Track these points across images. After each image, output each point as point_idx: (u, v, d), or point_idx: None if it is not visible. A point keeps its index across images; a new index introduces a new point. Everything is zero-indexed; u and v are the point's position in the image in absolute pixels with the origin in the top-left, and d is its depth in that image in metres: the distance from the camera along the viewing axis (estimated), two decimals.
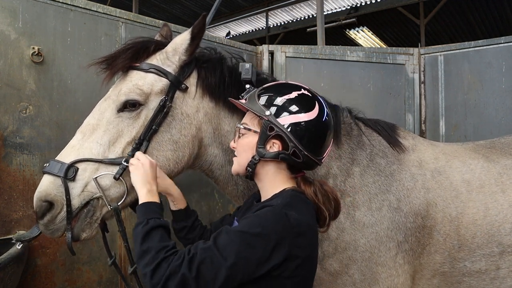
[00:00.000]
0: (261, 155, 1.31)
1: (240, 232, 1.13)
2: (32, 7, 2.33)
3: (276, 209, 1.18)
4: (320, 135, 1.34)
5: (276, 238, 1.13)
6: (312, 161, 1.33)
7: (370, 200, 1.70)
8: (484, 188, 1.77)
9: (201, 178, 3.07)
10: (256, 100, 1.35)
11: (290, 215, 1.17)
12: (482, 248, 1.69)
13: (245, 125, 1.39)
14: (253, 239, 1.12)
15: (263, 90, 1.40)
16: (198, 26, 1.59)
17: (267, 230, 1.13)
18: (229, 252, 1.09)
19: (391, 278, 1.64)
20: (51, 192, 1.45)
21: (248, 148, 1.36)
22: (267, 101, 1.33)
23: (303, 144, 1.29)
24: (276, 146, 1.31)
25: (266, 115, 1.30)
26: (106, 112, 1.57)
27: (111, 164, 1.49)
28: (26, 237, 1.52)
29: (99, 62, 1.60)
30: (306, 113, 1.30)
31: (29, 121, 2.29)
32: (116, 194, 1.52)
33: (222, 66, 1.71)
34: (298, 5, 11.81)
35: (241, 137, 1.39)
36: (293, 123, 1.29)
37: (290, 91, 1.35)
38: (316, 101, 1.36)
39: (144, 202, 1.31)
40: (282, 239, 1.14)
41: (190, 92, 1.66)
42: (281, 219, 1.15)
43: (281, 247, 1.13)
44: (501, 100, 3.38)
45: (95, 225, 1.53)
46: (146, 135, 1.54)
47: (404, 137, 1.95)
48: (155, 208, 1.29)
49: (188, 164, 1.69)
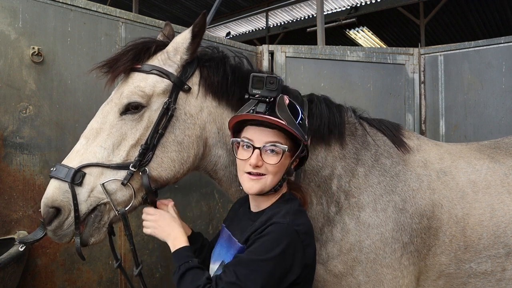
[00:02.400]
0: (290, 173, 1.40)
1: (259, 260, 1.19)
2: (32, 7, 2.33)
3: (287, 228, 1.25)
4: None
5: (292, 255, 1.22)
6: None
7: (375, 201, 1.69)
8: (490, 189, 1.75)
9: (201, 178, 3.07)
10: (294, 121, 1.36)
11: (299, 231, 1.26)
12: (488, 250, 1.67)
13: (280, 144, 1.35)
14: (271, 264, 1.19)
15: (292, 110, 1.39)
16: (199, 24, 1.58)
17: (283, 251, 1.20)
18: (253, 282, 1.17)
19: (396, 279, 1.63)
20: (58, 198, 1.44)
21: (283, 168, 1.38)
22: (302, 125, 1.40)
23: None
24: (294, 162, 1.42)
25: (306, 139, 1.39)
26: (109, 116, 1.55)
27: (117, 168, 1.49)
28: (30, 239, 1.51)
29: (100, 66, 1.59)
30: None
31: (29, 121, 2.29)
32: (123, 198, 1.52)
33: (225, 65, 1.69)
34: (298, 5, 11.82)
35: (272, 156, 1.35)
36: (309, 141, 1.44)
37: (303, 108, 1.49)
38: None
39: (173, 252, 1.38)
40: (296, 253, 1.23)
41: (193, 92, 1.64)
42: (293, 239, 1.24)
43: (297, 261, 1.24)
44: (501, 100, 3.38)
45: (103, 230, 1.53)
46: (152, 139, 1.53)
47: (409, 137, 1.94)
48: (183, 253, 1.36)
49: (194, 165, 1.67)
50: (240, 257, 1.25)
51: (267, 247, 1.21)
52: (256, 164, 1.34)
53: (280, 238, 1.22)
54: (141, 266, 1.60)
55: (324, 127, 1.76)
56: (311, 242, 1.32)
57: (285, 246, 1.21)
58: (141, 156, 1.50)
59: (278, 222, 1.26)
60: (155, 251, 2.82)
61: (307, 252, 1.28)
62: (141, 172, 1.51)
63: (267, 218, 1.31)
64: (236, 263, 1.23)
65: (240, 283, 1.17)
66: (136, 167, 1.49)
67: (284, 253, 1.21)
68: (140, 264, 1.60)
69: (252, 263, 1.19)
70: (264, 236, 1.24)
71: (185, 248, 1.38)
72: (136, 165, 1.49)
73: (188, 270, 1.29)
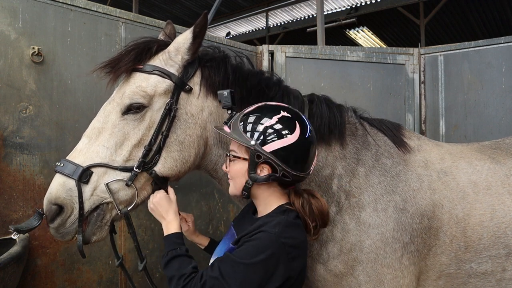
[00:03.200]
0: (253, 180, 1.38)
1: (242, 263, 1.23)
2: (32, 7, 2.33)
3: (273, 237, 1.26)
4: (305, 153, 1.40)
5: (274, 265, 1.24)
6: (300, 177, 1.41)
7: (376, 201, 1.69)
8: (491, 189, 1.75)
9: (201, 178, 3.07)
10: (240, 129, 1.39)
11: (286, 243, 1.27)
12: (489, 250, 1.67)
13: (234, 152, 1.44)
14: (253, 269, 1.22)
15: (245, 117, 1.42)
16: (200, 24, 1.58)
17: (264, 260, 1.23)
18: (234, 282, 1.21)
19: (396, 279, 1.63)
20: (61, 195, 1.45)
21: (240, 174, 1.42)
22: (251, 129, 1.37)
23: (290, 165, 1.36)
24: (266, 170, 1.37)
25: (252, 145, 1.35)
26: (111, 115, 1.56)
27: (122, 170, 1.51)
28: (25, 227, 1.51)
29: (102, 66, 1.60)
30: (288, 136, 1.36)
31: (29, 121, 2.29)
32: (126, 197, 1.54)
33: (226, 65, 1.70)
34: (298, 5, 11.82)
35: (232, 163, 1.44)
36: (278, 149, 1.34)
37: (271, 116, 1.39)
38: (297, 121, 1.40)
39: (164, 236, 1.45)
40: (279, 264, 1.25)
41: (194, 92, 1.65)
42: (278, 250, 1.25)
43: (279, 271, 1.25)
44: (501, 100, 3.38)
45: (106, 228, 1.55)
46: (159, 141, 1.55)
47: (410, 137, 1.94)
48: (173, 239, 1.42)
49: (195, 164, 1.68)
50: (228, 255, 1.29)
51: (250, 252, 1.26)
52: (225, 170, 1.48)
53: (264, 247, 1.25)
54: (145, 260, 1.63)
55: (324, 127, 1.76)
56: (298, 256, 1.32)
57: (268, 256, 1.24)
58: (145, 157, 1.52)
59: (266, 231, 1.29)
60: (155, 251, 2.82)
61: (292, 265, 1.29)
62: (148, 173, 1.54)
63: (259, 225, 1.34)
64: (223, 260, 1.28)
65: (222, 279, 1.22)
66: (140, 168, 1.51)
67: (265, 262, 1.23)
68: (145, 259, 1.64)
69: (235, 264, 1.24)
70: (251, 241, 1.29)
71: (175, 234, 1.44)
72: (140, 166, 1.51)
73: (175, 257, 1.36)
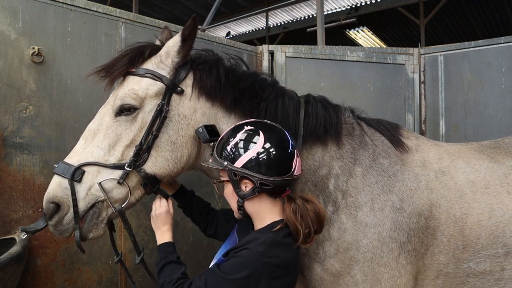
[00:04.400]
0: (241, 197, 1.45)
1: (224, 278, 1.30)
2: (32, 7, 2.33)
3: (256, 256, 1.32)
4: (275, 157, 1.43)
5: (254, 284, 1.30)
6: (282, 181, 1.43)
7: (373, 201, 1.69)
8: (489, 189, 1.75)
9: (201, 178, 3.07)
10: (216, 156, 1.50)
11: (269, 263, 1.32)
12: (487, 249, 1.67)
13: (220, 177, 1.54)
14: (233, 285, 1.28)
15: (218, 144, 1.53)
16: (189, 28, 1.61)
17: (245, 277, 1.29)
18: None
19: (393, 278, 1.63)
20: (58, 194, 1.52)
21: (231, 196, 1.51)
22: (222, 153, 1.47)
23: (262, 173, 1.40)
24: (249, 185, 1.43)
25: (225, 166, 1.44)
26: (105, 117, 1.63)
27: (114, 168, 1.56)
28: (32, 228, 1.58)
29: (98, 71, 1.65)
30: (252, 147, 1.42)
31: (29, 121, 2.29)
32: (119, 196, 1.59)
33: (218, 68, 1.72)
34: (298, 5, 11.82)
35: (224, 188, 1.54)
36: (246, 161, 1.41)
37: (235, 134, 1.47)
38: (261, 130, 1.46)
39: (159, 245, 1.56)
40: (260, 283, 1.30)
41: (186, 94, 1.68)
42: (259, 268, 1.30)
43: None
44: (501, 100, 3.38)
45: (102, 225, 1.61)
46: (147, 141, 1.59)
47: (407, 137, 1.94)
48: (166, 248, 1.54)
49: (188, 164, 1.71)
50: (215, 270, 1.35)
51: (232, 268, 1.31)
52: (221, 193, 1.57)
53: (246, 265, 1.30)
54: (142, 254, 1.70)
55: (320, 127, 1.77)
56: (281, 275, 1.35)
57: (248, 274, 1.28)
58: (136, 156, 1.57)
59: (250, 249, 1.33)
60: (155, 251, 2.82)
61: (274, 284, 1.33)
62: (137, 172, 1.59)
63: (248, 240, 1.38)
64: (210, 272, 1.35)
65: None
66: (131, 167, 1.56)
67: (246, 280, 1.28)
68: (142, 252, 1.70)
69: (219, 278, 1.31)
70: (236, 257, 1.34)
71: (167, 243, 1.56)
72: (131, 165, 1.56)
73: (167, 263, 1.46)
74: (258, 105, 1.72)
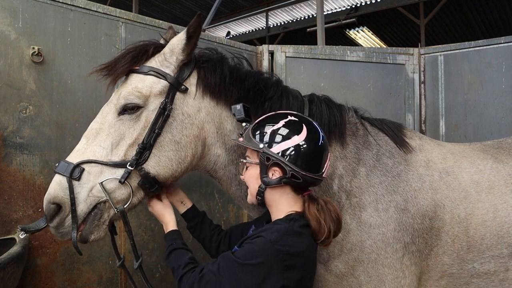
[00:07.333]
0: (265, 183, 1.42)
1: (237, 262, 1.28)
2: (32, 7, 2.32)
3: (268, 245, 1.29)
4: (313, 153, 1.42)
5: (265, 272, 1.26)
6: (312, 178, 1.41)
7: (377, 201, 1.68)
8: (493, 189, 1.75)
9: (201, 178, 3.07)
10: (251, 136, 1.46)
11: (282, 251, 1.28)
12: (491, 250, 1.67)
13: (248, 158, 1.50)
14: (245, 269, 1.27)
15: (256, 125, 1.50)
16: (193, 25, 1.60)
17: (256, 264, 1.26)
18: (227, 279, 1.27)
19: (397, 279, 1.62)
20: (59, 195, 1.48)
21: (254, 179, 1.47)
22: (260, 135, 1.44)
23: (298, 165, 1.38)
24: (277, 173, 1.41)
25: (260, 148, 1.41)
26: (108, 116, 1.59)
27: (115, 166, 1.52)
28: (32, 228, 1.54)
29: (100, 70, 1.62)
30: (294, 137, 1.40)
31: (29, 121, 2.29)
32: (122, 196, 1.55)
33: (223, 66, 1.71)
34: (298, 5, 11.81)
35: (247, 169, 1.50)
36: (284, 149, 1.39)
37: (278, 120, 1.45)
38: (304, 124, 1.45)
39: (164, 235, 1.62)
40: (271, 271, 1.27)
41: (191, 92, 1.66)
42: (271, 256, 1.27)
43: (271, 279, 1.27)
44: (501, 100, 3.38)
45: (103, 227, 1.56)
46: (149, 139, 1.56)
47: (411, 137, 1.93)
48: (170, 236, 1.58)
49: (192, 164, 1.69)
50: (229, 253, 1.34)
51: (245, 254, 1.30)
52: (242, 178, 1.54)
53: (258, 252, 1.28)
54: (141, 259, 1.67)
55: (324, 127, 1.76)
56: (295, 265, 1.31)
57: (260, 261, 1.26)
58: (138, 155, 1.54)
59: (263, 237, 1.31)
60: (155, 251, 2.82)
61: (288, 273, 1.29)
62: (138, 170, 1.55)
63: (262, 229, 1.36)
64: (224, 257, 1.33)
65: (218, 274, 1.28)
66: (133, 166, 1.53)
67: (257, 267, 1.26)
68: (140, 257, 1.67)
69: (231, 262, 1.29)
70: (249, 244, 1.33)
71: (172, 231, 1.60)
72: (133, 164, 1.53)
73: (172, 250, 1.50)
74: (262, 104, 1.71)
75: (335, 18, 11.63)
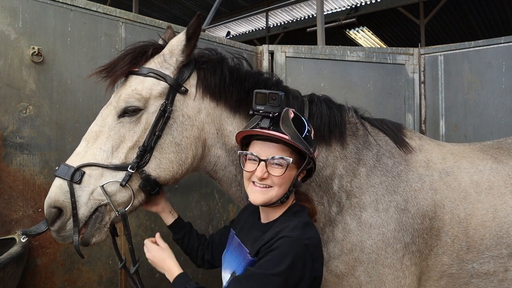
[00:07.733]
0: (297, 186, 1.43)
1: (267, 275, 1.21)
2: (32, 7, 2.32)
3: (296, 242, 1.26)
4: None
5: (301, 267, 1.24)
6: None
7: (377, 201, 1.69)
8: (493, 189, 1.75)
9: (201, 178, 3.07)
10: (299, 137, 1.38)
11: (308, 245, 1.28)
12: (491, 250, 1.67)
13: (286, 157, 1.37)
14: (280, 278, 1.20)
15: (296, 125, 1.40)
16: (193, 26, 1.59)
17: (291, 265, 1.22)
18: None
19: (397, 280, 1.63)
20: (59, 198, 1.47)
21: (289, 181, 1.40)
22: (307, 138, 1.41)
23: None
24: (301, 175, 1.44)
25: (312, 153, 1.41)
26: (107, 119, 1.58)
27: (116, 169, 1.51)
28: (33, 231, 1.54)
29: (99, 71, 1.61)
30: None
31: (29, 121, 2.29)
32: (123, 199, 1.54)
33: (222, 67, 1.70)
34: (298, 5, 11.81)
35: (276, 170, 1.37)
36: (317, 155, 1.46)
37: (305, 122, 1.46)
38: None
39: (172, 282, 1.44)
40: (305, 266, 1.25)
41: (191, 94, 1.65)
42: (302, 252, 1.25)
43: (306, 275, 1.26)
44: (501, 100, 3.38)
45: (105, 230, 1.55)
46: (150, 141, 1.55)
47: (411, 137, 1.94)
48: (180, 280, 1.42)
49: (193, 165, 1.68)
50: (251, 271, 1.26)
51: (275, 261, 1.23)
52: (261, 177, 1.36)
53: (288, 252, 1.23)
54: (138, 264, 1.63)
55: (324, 127, 1.76)
56: (319, 255, 1.34)
57: (293, 260, 1.22)
58: (139, 158, 1.53)
59: (287, 236, 1.27)
60: None
61: (316, 265, 1.30)
62: (139, 173, 1.54)
63: (276, 232, 1.32)
64: (247, 277, 1.25)
65: None
66: (134, 169, 1.51)
67: (292, 267, 1.22)
68: (137, 262, 1.63)
69: (261, 278, 1.21)
70: (273, 250, 1.26)
71: (180, 275, 1.43)
72: (134, 166, 1.52)
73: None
74: None
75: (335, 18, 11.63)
